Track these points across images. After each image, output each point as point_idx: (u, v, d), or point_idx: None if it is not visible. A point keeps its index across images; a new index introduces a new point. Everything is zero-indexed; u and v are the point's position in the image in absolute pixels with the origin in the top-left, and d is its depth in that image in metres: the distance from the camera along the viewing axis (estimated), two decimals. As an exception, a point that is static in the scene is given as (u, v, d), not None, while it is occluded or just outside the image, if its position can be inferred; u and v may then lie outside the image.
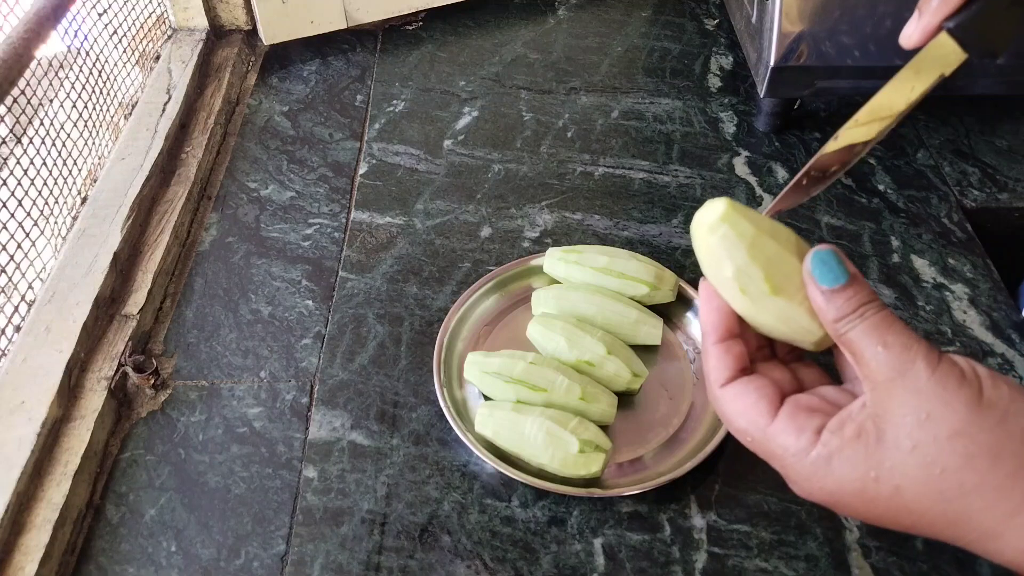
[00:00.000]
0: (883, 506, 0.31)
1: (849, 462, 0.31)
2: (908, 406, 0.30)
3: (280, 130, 0.77)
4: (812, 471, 0.32)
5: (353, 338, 0.59)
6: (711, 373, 0.36)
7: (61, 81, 0.65)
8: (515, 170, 0.72)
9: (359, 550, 0.48)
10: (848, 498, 0.32)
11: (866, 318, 0.32)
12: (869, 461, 0.31)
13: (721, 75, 0.83)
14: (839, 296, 0.32)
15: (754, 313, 0.35)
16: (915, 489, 0.30)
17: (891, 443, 0.31)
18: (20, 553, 0.46)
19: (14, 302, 0.57)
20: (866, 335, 0.31)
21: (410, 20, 0.90)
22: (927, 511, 0.31)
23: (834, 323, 0.32)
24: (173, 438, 0.54)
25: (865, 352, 0.31)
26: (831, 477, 0.32)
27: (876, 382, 0.31)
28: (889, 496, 0.31)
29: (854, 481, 0.31)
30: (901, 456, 0.30)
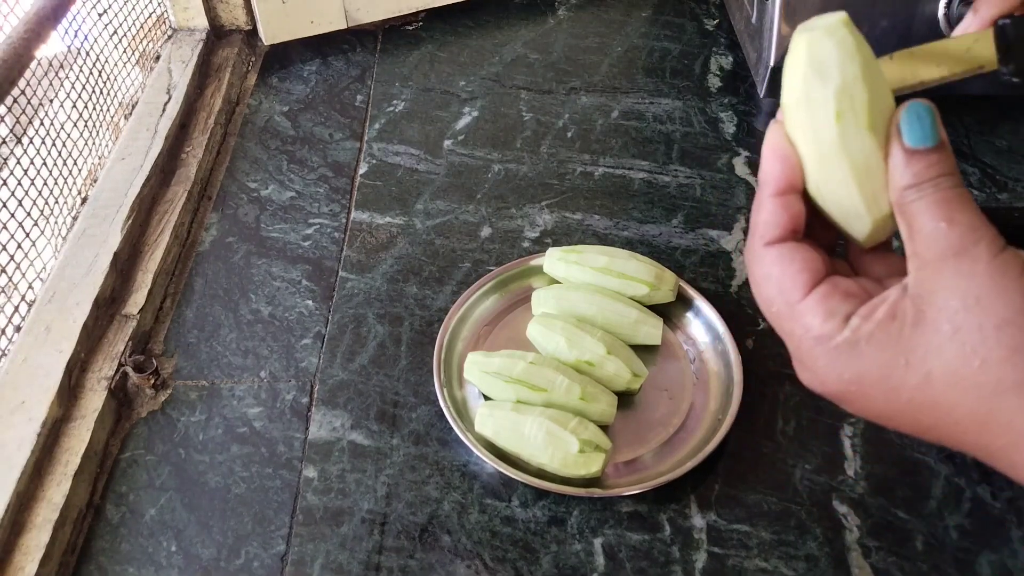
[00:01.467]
0: (906, 397, 0.28)
1: (878, 346, 0.28)
2: (957, 288, 0.27)
3: (280, 130, 0.77)
4: (833, 357, 0.29)
5: (353, 338, 0.59)
6: (759, 227, 0.32)
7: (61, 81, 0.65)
8: (515, 170, 0.72)
9: (359, 550, 0.48)
10: (867, 388, 0.29)
11: (940, 190, 0.28)
12: (900, 345, 0.28)
13: (721, 75, 0.83)
14: (921, 160, 0.29)
15: (834, 155, 0.30)
16: (947, 379, 0.27)
17: (930, 326, 0.28)
18: (20, 553, 0.46)
19: (14, 302, 0.57)
20: (933, 207, 0.28)
21: (410, 20, 0.90)
22: (955, 407, 0.28)
23: (904, 190, 0.29)
24: (173, 438, 0.54)
25: (925, 226, 0.28)
26: (854, 364, 0.29)
27: (926, 260, 0.28)
28: (916, 386, 0.28)
29: (880, 367, 0.28)
30: (939, 340, 0.27)
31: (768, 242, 0.32)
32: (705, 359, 0.57)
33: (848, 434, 0.53)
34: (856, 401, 0.30)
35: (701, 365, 0.57)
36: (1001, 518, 0.49)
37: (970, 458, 0.52)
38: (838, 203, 0.31)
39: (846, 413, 0.54)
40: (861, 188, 0.30)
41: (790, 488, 0.51)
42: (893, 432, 0.53)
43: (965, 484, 0.51)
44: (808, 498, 0.50)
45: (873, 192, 0.30)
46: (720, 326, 0.57)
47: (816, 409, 0.55)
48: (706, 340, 0.58)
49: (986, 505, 0.50)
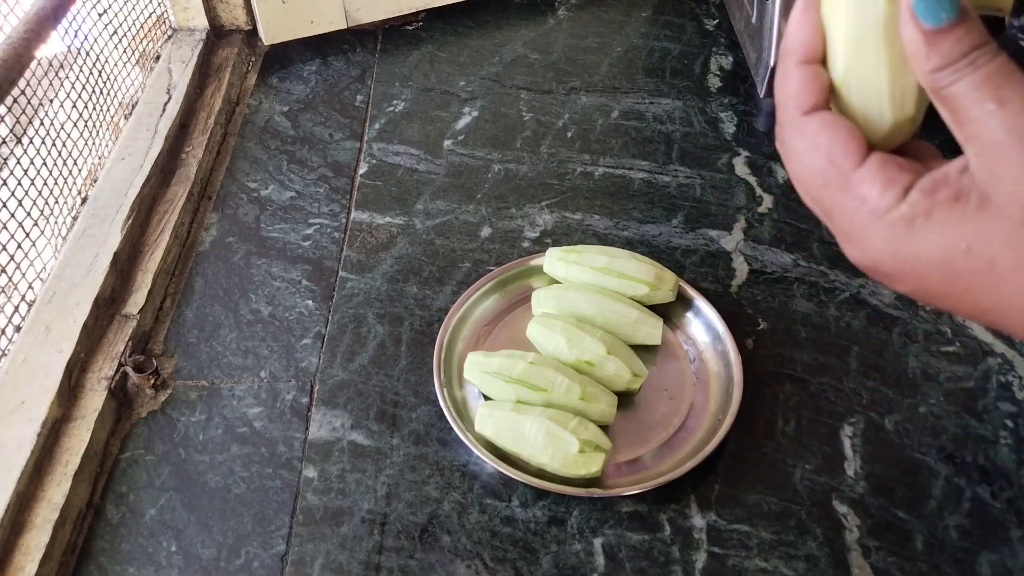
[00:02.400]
0: (966, 282, 0.27)
1: (939, 228, 0.26)
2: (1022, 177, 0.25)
3: (280, 130, 0.77)
4: (889, 233, 0.27)
5: (353, 338, 0.59)
6: (793, 98, 0.30)
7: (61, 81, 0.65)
8: (515, 170, 0.72)
9: (359, 550, 0.48)
10: (924, 268, 0.27)
11: (978, 67, 0.26)
12: (962, 229, 0.26)
13: (721, 75, 0.83)
14: (946, 38, 0.26)
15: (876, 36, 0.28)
16: (1014, 264, 0.26)
17: (996, 211, 0.26)
18: (20, 553, 0.46)
19: (14, 302, 0.57)
20: (976, 88, 0.26)
21: (410, 20, 0.90)
22: (1020, 293, 0.26)
23: (934, 73, 0.26)
24: (173, 438, 0.54)
25: (972, 109, 0.26)
26: (911, 243, 0.27)
27: (984, 145, 0.26)
28: (978, 271, 0.26)
29: (941, 250, 0.27)
30: (1008, 227, 0.25)
31: (807, 110, 0.30)
32: (705, 359, 0.57)
33: (848, 434, 0.53)
34: (909, 281, 0.28)
35: (701, 365, 0.57)
36: (1001, 518, 0.49)
37: (970, 458, 0.52)
38: (863, 95, 0.29)
39: (846, 413, 0.54)
40: (893, 80, 0.28)
41: (790, 488, 0.51)
42: (893, 432, 0.53)
43: (965, 484, 0.51)
44: (808, 498, 0.50)
45: (903, 89, 0.29)
46: (720, 326, 0.57)
47: (816, 409, 0.55)
48: (706, 340, 0.58)
49: (986, 505, 0.50)
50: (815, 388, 0.56)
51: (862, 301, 0.61)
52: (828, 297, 0.61)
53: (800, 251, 0.65)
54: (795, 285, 0.62)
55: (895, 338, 0.59)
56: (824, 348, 0.58)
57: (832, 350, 0.58)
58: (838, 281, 0.63)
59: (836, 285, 0.62)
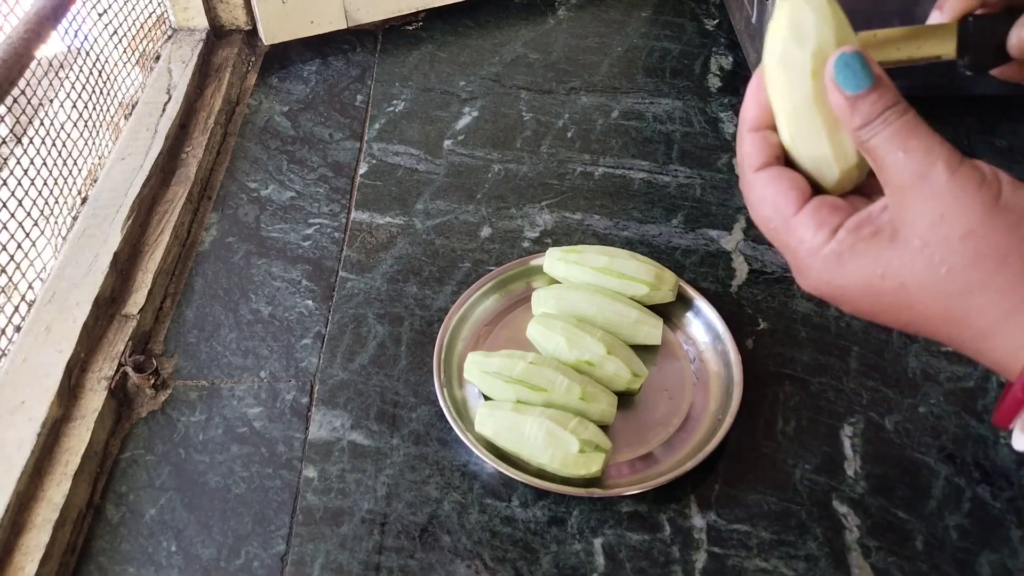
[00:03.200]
0: (886, 302, 0.32)
1: (859, 260, 0.32)
2: (924, 208, 0.30)
3: (280, 130, 0.77)
4: (822, 266, 0.33)
5: (353, 338, 0.59)
6: (745, 159, 0.36)
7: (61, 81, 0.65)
8: (515, 170, 0.72)
9: (359, 550, 0.48)
10: (853, 293, 0.33)
11: (889, 123, 0.31)
12: (879, 259, 0.31)
13: (721, 75, 0.83)
14: (863, 102, 0.31)
15: (807, 109, 0.33)
16: (919, 285, 0.31)
17: (902, 242, 0.31)
18: (20, 553, 0.46)
19: (14, 302, 0.57)
20: (888, 141, 0.31)
21: (410, 20, 0.90)
22: (928, 308, 0.31)
23: (857, 131, 0.32)
24: (173, 438, 0.54)
25: (887, 158, 0.31)
26: (840, 273, 0.32)
27: (895, 187, 0.31)
28: (894, 292, 0.31)
29: (862, 278, 0.32)
30: (910, 254, 0.31)
31: (757, 168, 0.35)
32: (705, 359, 0.57)
33: (848, 434, 0.53)
34: (845, 303, 0.34)
35: (701, 365, 0.57)
36: (1001, 518, 0.49)
37: (970, 458, 0.52)
38: (810, 154, 0.34)
39: (846, 413, 0.54)
40: (831, 139, 0.33)
41: (790, 488, 0.51)
42: (893, 432, 0.53)
43: (965, 484, 0.51)
44: (808, 498, 0.50)
45: (842, 145, 0.33)
46: (720, 326, 0.57)
47: (816, 409, 0.55)
48: (706, 340, 0.58)
49: (986, 505, 0.50)
50: (815, 388, 0.56)
51: (862, 301, 0.61)
52: (828, 297, 0.61)
53: (800, 251, 0.65)
54: (795, 285, 0.62)
55: (895, 338, 0.59)
56: (824, 348, 0.58)
57: (832, 350, 0.58)
58: (838, 281, 0.62)
59: (836, 285, 0.62)
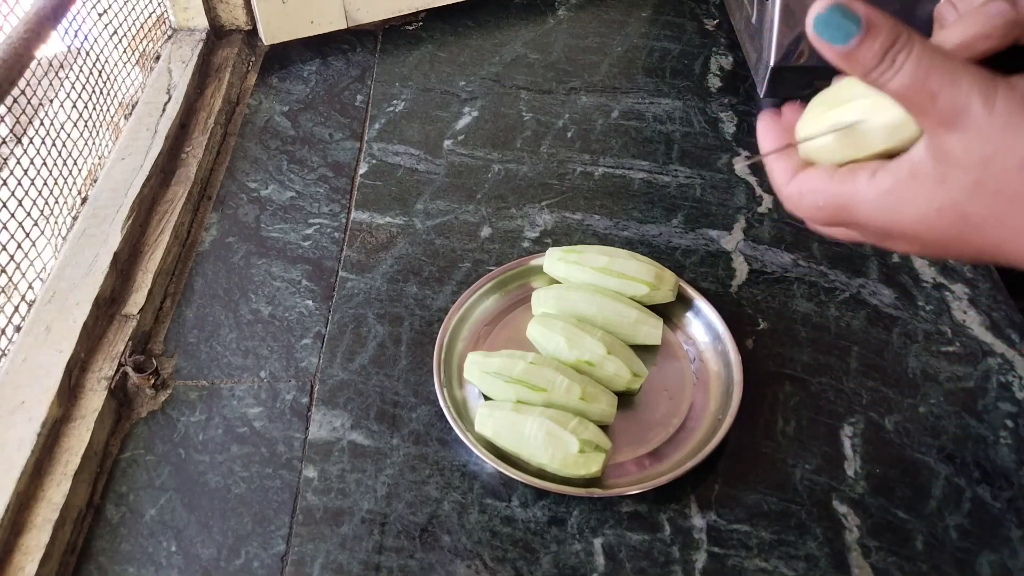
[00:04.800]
0: (954, 231, 0.32)
1: (907, 192, 0.31)
2: (970, 147, 0.29)
3: (280, 130, 0.77)
4: (878, 203, 0.33)
5: (353, 338, 0.59)
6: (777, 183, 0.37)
7: (61, 81, 0.65)
8: (515, 170, 0.72)
9: (359, 550, 0.48)
10: (909, 226, 0.32)
11: (899, 65, 0.29)
12: (929, 196, 0.31)
13: (721, 75, 0.83)
14: (860, 50, 0.29)
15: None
16: (984, 216, 0.30)
17: (952, 182, 0.30)
18: (20, 553, 0.46)
19: (14, 302, 0.57)
20: (908, 83, 0.29)
21: (410, 20, 0.90)
22: (999, 231, 0.31)
23: (867, 78, 0.30)
24: (173, 438, 0.54)
25: (914, 99, 0.29)
26: (897, 210, 0.32)
27: (930, 127, 0.30)
28: (956, 220, 0.31)
29: (916, 207, 0.32)
30: (966, 192, 0.30)
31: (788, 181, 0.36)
32: (705, 359, 0.57)
33: (848, 434, 0.53)
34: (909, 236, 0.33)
35: (701, 365, 0.57)
36: (1001, 518, 0.49)
37: (970, 458, 0.52)
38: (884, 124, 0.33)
39: (846, 413, 0.54)
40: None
41: (790, 488, 0.51)
42: (893, 432, 0.53)
43: (965, 484, 0.51)
44: (808, 498, 0.50)
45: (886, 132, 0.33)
46: (720, 326, 0.57)
47: (816, 409, 0.55)
48: (706, 340, 0.58)
49: (986, 505, 0.50)
50: (815, 388, 0.56)
51: (862, 301, 0.61)
52: (828, 297, 0.61)
53: (800, 251, 0.65)
54: (795, 285, 0.62)
55: (895, 338, 0.59)
56: (824, 348, 0.58)
57: (832, 350, 0.58)
58: (838, 281, 0.63)
59: (836, 285, 0.62)
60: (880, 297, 0.61)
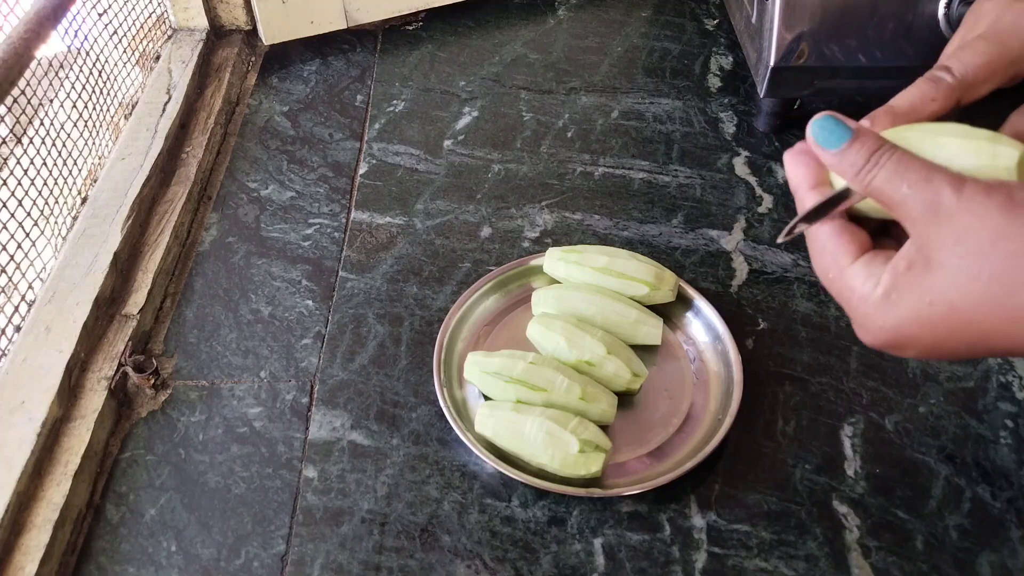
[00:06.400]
0: (943, 329, 0.33)
1: (904, 294, 0.33)
2: (946, 231, 0.32)
3: (280, 130, 0.77)
4: (875, 312, 0.34)
5: (353, 338, 0.59)
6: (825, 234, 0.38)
7: (61, 81, 0.65)
8: (515, 170, 0.72)
9: (359, 550, 0.48)
10: (911, 329, 0.34)
11: (882, 164, 0.33)
12: (921, 288, 0.33)
13: (721, 75, 0.83)
14: (849, 152, 0.34)
15: None
16: (967, 302, 0.32)
17: (936, 267, 0.32)
18: (20, 553, 0.46)
19: (14, 302, 0.57)
20: (888, 181, 0.33)
21: (410, 20, 0.90)
22: (984, 320, 0.32)
23: (855, 178, 0.34)
24: (173, 438, 0.54)
25: (894, 196, 0.33)
26: (891, 313, 0.34)
27: (912, 220, 0.33)
28: (945, 316, 0.32)
29: (911, 311, 0.33)
30: (948, 275, 0.32)
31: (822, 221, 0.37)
32: (705, 359, 0.57)
33: (848, 434, 0.53)
34: (906, 345, 0.35)
35: (701, 365, 0.57)
36: (1001, 518, 0.49)
37: (970, 458, 0.52)
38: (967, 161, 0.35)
39: (846, 413, 0.54)
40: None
41: (790, 488, 0.51)
42: (893, 432, 0.53)
43: (965, 484, 0.51)
44: (808, 498, 0.50)
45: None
46: (720, 326, 0.57)
47: (816, 409, 0.55)
48: (706, 340, 0.58)
49: (986, 505, 0.50)
50: (815, 388, 0.56)
51: (862, 301, 0.61)
52: (828, 297, 0.61)
53: (800, 251, 0.65)
54: (795, 285, 0.62)
55: (895, 338, 0.59)
56: (824, 348, 0.58)
57: (832, 350, 0.58)
58: (838, 281, 0.62)
59: (836, 285, 0.62)
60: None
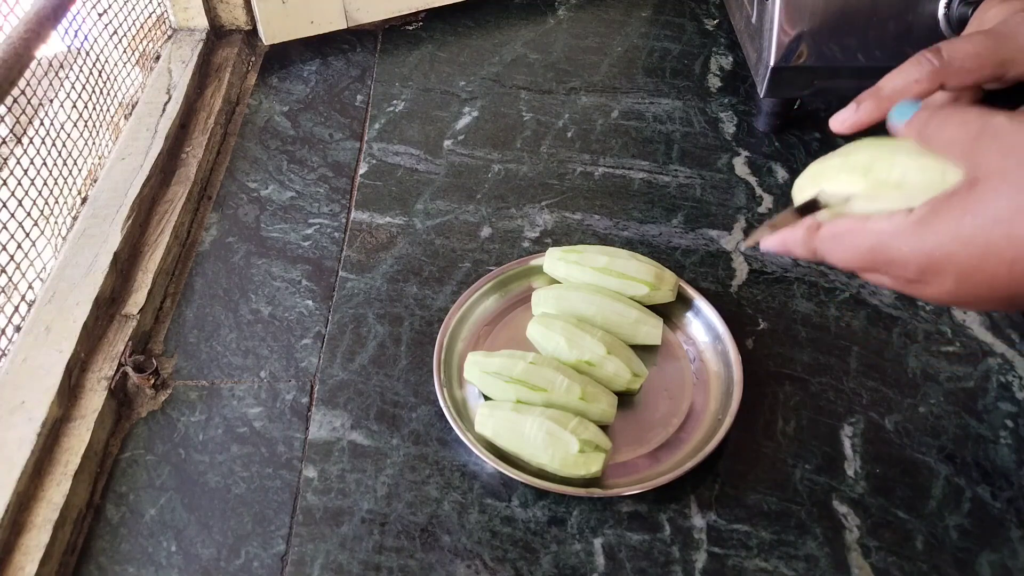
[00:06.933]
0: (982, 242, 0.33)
1: (942, 215, 0.34)
2: (993, 148, 0.33)
3: (280, 130, 0.77)
4: (909, 238, 0.35)
5: (353, 338, 0.59)
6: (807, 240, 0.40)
7: (61, 81, 0.65)
8: (515, 170, 0.72)
9: (359, 550, 0.48)
10: (948, 247, 0.34)
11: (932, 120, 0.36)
12: (963, 206, 0.34)
13: (721, 75, 0.83)
14: (916, 120, 0.38)
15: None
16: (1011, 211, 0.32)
17: (980, 183, 0.33)
18: (20, 553, 0.46)
19: (14, 302, 0.57)
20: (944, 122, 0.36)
21: (410, 20, 0.90)
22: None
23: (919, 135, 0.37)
24: (173, 438, 0.54)
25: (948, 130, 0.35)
26: (928, 233, 0.35)
27: (963, 145, 0.35)
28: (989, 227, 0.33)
29: (950, 226, 0.34)
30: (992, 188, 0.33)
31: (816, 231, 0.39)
32: (705, 359, 0.57)
33: (848, 434, 0.53)
34: (941, 267, 0.35)
35: (701, 365, 0.57)
36: (1001, 518, 0.49)
37: (970, 458, 0.52)
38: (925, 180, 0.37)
39: (846, 413, 0.54)
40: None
41: (790, 488, 0.51)
42: (893, 432, 0.53)
43: (965, 484, 0.51)
44: (808, 498, 0.50)
45: None
46: (720, 326, 0.57)
47: (816, 409, 0.55)
48: (706, 340, 0.58)
49: (986, 505, 0.50)
50: (815, 388, 0.56)
51: (862, 301, 0.61)
52: (828, 297, 0.61)
53: (800, 251, 0.65)
54: (795, 285, 0.62)
55: (895, 338, 0.59)
56: (824, 348, 0.58)
57: (832, 350, 0.58)
58: (838, 281, 0.63)
59: (836, 285, 0.62)
60: (880, 297, 0.61)
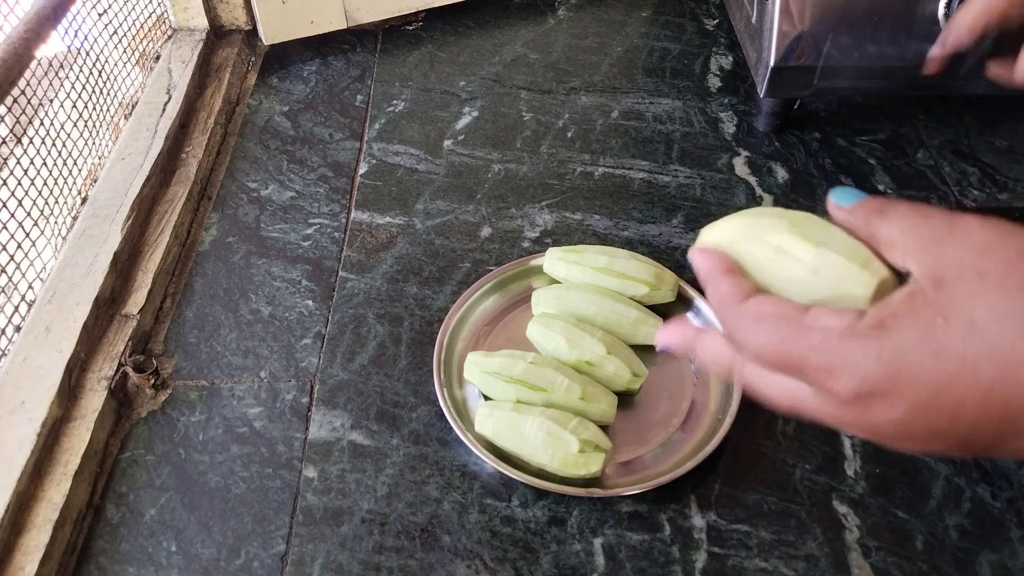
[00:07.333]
0: (956, 353, 0.27)
1: (908, 317, 0.28)
2: (966, 245, 0.29)
3: (280, 130, 0.77)
4: (865, 344, 0.28)
5: (353, 338, 0.59)
6: (727, 298, 0.34)
7: (61, 81, 0.65)
8: (515, 170, 0.72)
9: (359, 550, 0.48)
10: (912, 358, 0.28)
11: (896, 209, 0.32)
12: (930, 308, 0.28)
13: (721, 75, 0.83)
14: (862, 207, 0.33)
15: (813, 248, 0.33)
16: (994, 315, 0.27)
17: (951, 282, 0.28)
18: (20, 553, 0.46)
19: (14, 302, 0.57)
20: (902, 217, 0.31)
21: (410, 20, 0.90)
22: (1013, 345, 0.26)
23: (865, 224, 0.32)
24: (173, 438, 0.54)
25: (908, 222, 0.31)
26: (890, 340, 0.28)
27: (924, 243, 0.30)
28: (964, 336, 0.27)
29: (917, 331, 0.28)
30: (967, 288, 0.28)
31: (744, 298, 0.33)
32: (705, 359, 0.57)
33: (848, 434, 0.53)
34: (902, 385, 0.28)
35: (701, 365, 0.57)
36: (1001, 518, 0.49)
37: (970, 458, 0.52)
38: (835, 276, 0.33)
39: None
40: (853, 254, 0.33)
41: (790, 488, 0.51)
42: (893, 432, 0.53)
43: (965, 484, 0.51)
44: (808, 498, 0.50)
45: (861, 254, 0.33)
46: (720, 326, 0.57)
47: (816, 409, 0.55)
48: (706, 340, 0.58)
49: (986, 505, 0.50)
50: (815, 388, 0.56)
51: (862, 301, 0.61)
52: (828, 297, 0.61)
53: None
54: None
55: (895, 338, 0.59)
56: (824, 348, 0.58)
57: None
58: (838, 281, 0.62)
59: (836, 285, 0.62)
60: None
